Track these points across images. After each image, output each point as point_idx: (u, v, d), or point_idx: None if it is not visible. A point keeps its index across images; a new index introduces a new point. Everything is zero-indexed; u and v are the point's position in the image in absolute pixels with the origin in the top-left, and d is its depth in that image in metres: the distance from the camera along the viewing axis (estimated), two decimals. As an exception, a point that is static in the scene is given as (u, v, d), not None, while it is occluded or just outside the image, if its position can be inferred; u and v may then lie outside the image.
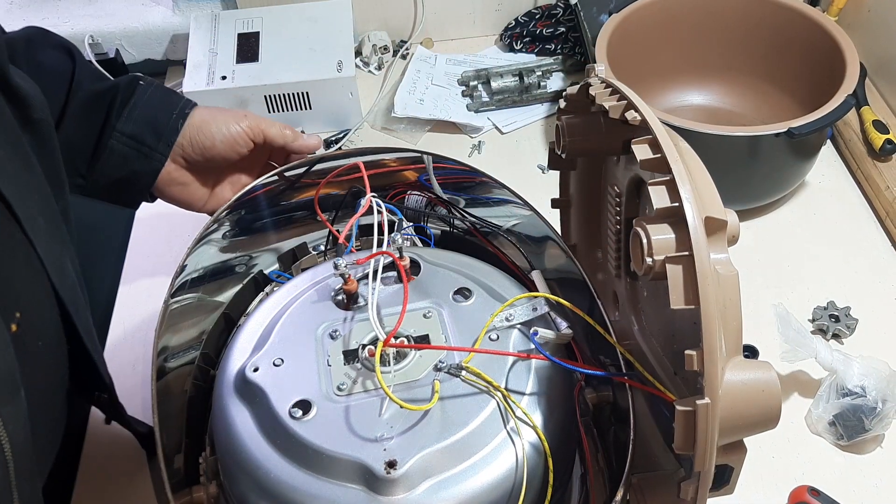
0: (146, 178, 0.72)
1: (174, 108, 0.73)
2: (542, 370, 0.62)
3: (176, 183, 0.75)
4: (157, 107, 0.72)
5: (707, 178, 0.54)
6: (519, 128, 1.15)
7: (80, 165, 0.70)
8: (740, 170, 0.94)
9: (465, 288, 0.68)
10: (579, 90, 0.63)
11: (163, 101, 0.73)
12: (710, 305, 0.46)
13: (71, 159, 0.64)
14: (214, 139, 0.73)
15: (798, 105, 1.04)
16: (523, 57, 1.25)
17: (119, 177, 0.71)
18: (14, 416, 0.50)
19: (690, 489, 0.50)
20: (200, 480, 0.64)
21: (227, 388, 0.62)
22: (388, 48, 1.25)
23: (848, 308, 0.90)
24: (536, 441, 0.59)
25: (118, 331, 0.92)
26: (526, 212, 0.76)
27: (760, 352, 0.85)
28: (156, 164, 0.72)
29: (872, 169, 1.03)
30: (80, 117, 0.69)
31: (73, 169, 0.69)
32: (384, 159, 0.82)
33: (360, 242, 0.78)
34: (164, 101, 0.73)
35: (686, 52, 1.11)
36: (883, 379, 0.78)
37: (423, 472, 0.56)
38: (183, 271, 0.70)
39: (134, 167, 0.71)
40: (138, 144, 0.70)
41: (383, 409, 0.59)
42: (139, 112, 0.70)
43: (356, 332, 0.65)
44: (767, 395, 0.49)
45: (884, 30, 1.09)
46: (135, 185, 0.73)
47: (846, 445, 0.80)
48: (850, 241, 0.99)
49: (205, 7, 1.23)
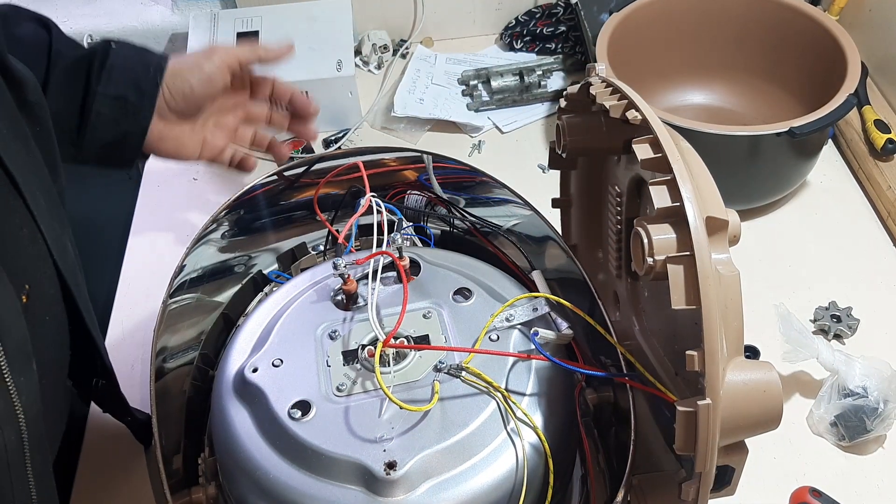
0: (135, 137, 0.73)
1: (150, 64, 0.73)
2: (543, 371, 0.62)
3: (166, 137, 0.75)
4: (135, 65, 0.73)
5: (708, 177, 0.53)
6: (519, 127, 1.15)
7: (70, 134, 0.71)
8: (741, 169, 0.94)
9: (465, 288, 0.68)
10: (580, 89, 0.63)
11: (139, 58, 0.74)
12: (712, 306, 0.46)
13: (60, 129, 0.64)
14: (192, 83, 0.74)
15: (799, 104, 1.04)
16: (523, 56, 1.25)
17: (109, 140, 0.72)
18: (27, 387, 0.51)
19: (691, 490, 0.50)
20: (199, 481, 0.64)
21: (226, 389, 0.62)
22: (388, 47, 1.24)
23: (849, 308, 0.90)
24: (537, 442, 0.59)
25: (117, 331, 0.92)
26: (526, 211, 0.75)
27: (762, 352, 0.85)
28: (143, 121, 0.72)
29: (874, 168, 1.03)
30: (63, 86, 0.70)
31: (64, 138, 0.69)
32: (384, 159, 0.82)
33: (360, 242, 0.78)
34: (140, 58, 0.74)
35: (687, 52, 1.11)
36: (885, 379, 0.77)
37: (423, 473, 0.56)
38: (182, 271, 0.70)
39: (122, 128, 0.72)
40: (123, 104, 0.71)
41: (383, 410, 0.59)
42: (118, 73, 0.71)
43: (356, 333, 0.64)
44: (769, 396, 0.49)
45: (885, 29, 1.09)
46: (126, 146, 0.73)
47: (848, 446, 0.79)
48: (852, 240, 0.99)
49: (204, 6, 1.23)
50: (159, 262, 0.98)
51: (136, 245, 1.02)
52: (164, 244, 1.01)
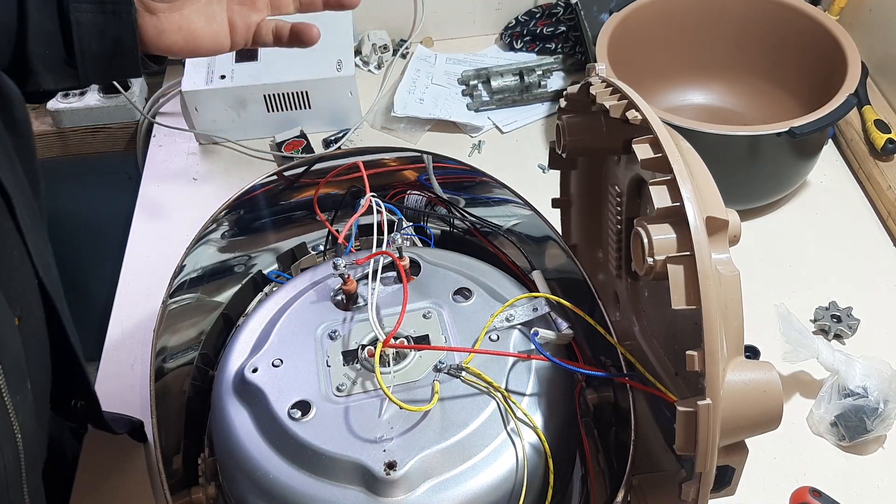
0: (128, 40, 0.65)
1: None
2: (543, 371, 0.62)
3: (167, 30, 0.66)
4: None
5: (708, 177, 0.53)
6: (519, 127, 1.15)
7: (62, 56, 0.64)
8: (742, 169, 0.94)
9: (465, 288, 0.68)
10: (580, 89, 0.63)
11: None
12: (712, 306, 0.46)
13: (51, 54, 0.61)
14: None
15: (799, 104, 1.04)
16: (524, 56, 1.25)
17: (101, 51, 0.65)
18: (24, 406, 0.50)
19: (692, 490, 0.50)
20: (199, 481, 0.64)
21: (226, 389, 0.62)
22: (388, 47, 1.24)
23: (850, 308, 0.90)
24: (537, 442, 0.59)
25: (116, 331, 0.92)
26: (526, 211, 0.75)
27: (762, 352, 0.85)
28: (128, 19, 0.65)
29: (874, 168, 1.03)
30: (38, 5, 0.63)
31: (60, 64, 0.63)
32: (384, 159, 0.82)
33: (360, 242, 0.77)
34: None
35: (687, 52, 1.11)
36: (885, 379, 0.77)
37: (422, 473, 0.56)
38: (182, 271, 0.70)
39: (111, 33, 0.64)
40: (100, 6, 0.64)
41: (383, 410, 0.59)
42: None
43: (356, 333, 0.64)
44: (769, 396, 0.49)
45: (885, 29, 1.09)
46: (122, 53, 0.66)
47: (848, 446, 0.79)
48: (852, 240, 0.99)
49: (204, 6, 1.23)
50: (159, 262, 0.98)
51: (136, 245, 1.02)
52: (164, 244, 1.01)
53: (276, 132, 1.12)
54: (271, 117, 1.12)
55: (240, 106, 1.10)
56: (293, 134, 1.12)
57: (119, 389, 0.86)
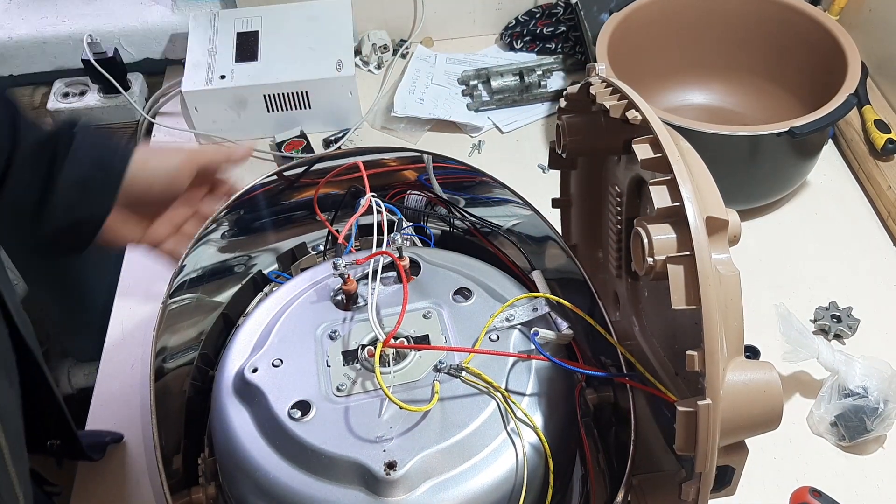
0: (94, 223, 0.68)
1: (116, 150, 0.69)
2: (543, 371, 0.62)
3: (111, 227, 0.70)
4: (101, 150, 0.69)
5: (708, 177, 0.53)
6: (519, 127, 1.15)
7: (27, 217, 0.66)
8: (742, 169, 0.94)
9: (465, 288, 0.68)
10: (580, 89, 0.63)
11: (103, 144, 0.69)
12: (712, 306, 0.46)
13: (17, 212, 0.62)
14: (152, 181, 0.70)
15: (799, 104, 1.04)
16: (524, 56, 1.25)
17: (65, 225, 0.67)
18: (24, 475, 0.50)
19: (692, 490, 0.50)
20: (199, 481, 0.64)
21: (226, 389, 0.62)
22: (388, 47, 1.24)
23: (850, 308, 0.90)
24: (537, 442, 0.59)
25: (116, 331, 0.92)
26: (526, 211, 0.75)
27: (762, 352, 0.85)
28: (105, 205, 0.68)
29: (874, 168, 1.03)
30: (24, 170, 0.65)
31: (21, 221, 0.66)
32: (384, 159, 0.82)
33: (360, 242, 0.77)
34: (105, 145, 0.69)
35: (687, 51, 1.11)
36: (885, 379, 0.77)
37: (422, 474, 0.56)
38: (182, 271, 0.70)
39: (83, 212, 0.67)
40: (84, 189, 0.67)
41: (383, 410, 0.59)
42: (83, 153, 0.67)
43: (355, 333, 0.64)
44: (769, 396, 0.49)
45: (885, 29, 1.09)
46: (81, 231, 0.68)
47: (848, 446, 0.79)
48: (852, 240, 0.99)
49: (204, 6, 1.23)
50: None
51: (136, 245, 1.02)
52: (164, 244, 1.00)
53: (276, 132, 1.12)
54: (271, 117, 1.12)
55: (240, 106, 1.10)
56: (293, 134, 1.12)
57: (119, 389, 0.86)
